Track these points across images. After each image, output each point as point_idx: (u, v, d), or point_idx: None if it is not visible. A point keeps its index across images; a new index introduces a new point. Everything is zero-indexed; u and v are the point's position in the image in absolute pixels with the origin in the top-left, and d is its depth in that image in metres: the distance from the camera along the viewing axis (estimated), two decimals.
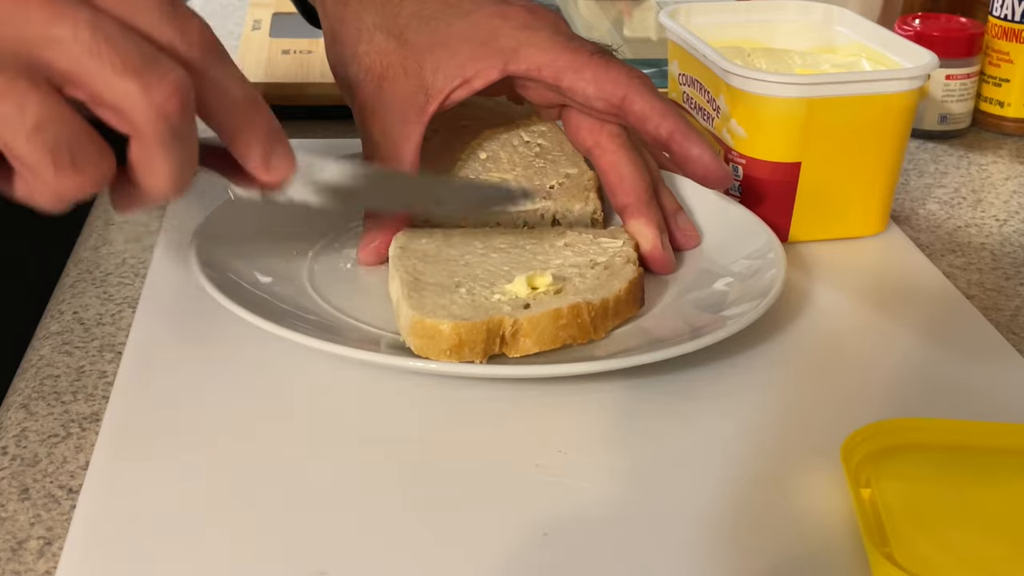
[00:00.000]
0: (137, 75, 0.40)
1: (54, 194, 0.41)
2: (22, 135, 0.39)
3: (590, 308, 0.53)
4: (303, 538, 0.43)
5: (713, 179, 0.60)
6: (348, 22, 0.60)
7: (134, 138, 0.41)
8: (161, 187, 0.43)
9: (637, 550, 0.43)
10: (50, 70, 0.39)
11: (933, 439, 0.47)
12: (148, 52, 0.40)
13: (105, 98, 0.40)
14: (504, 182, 0.61)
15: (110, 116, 0.41)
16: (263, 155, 0.46)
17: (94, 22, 0.39)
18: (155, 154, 0.42)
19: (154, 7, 0.42)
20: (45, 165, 0.40)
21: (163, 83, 0.40)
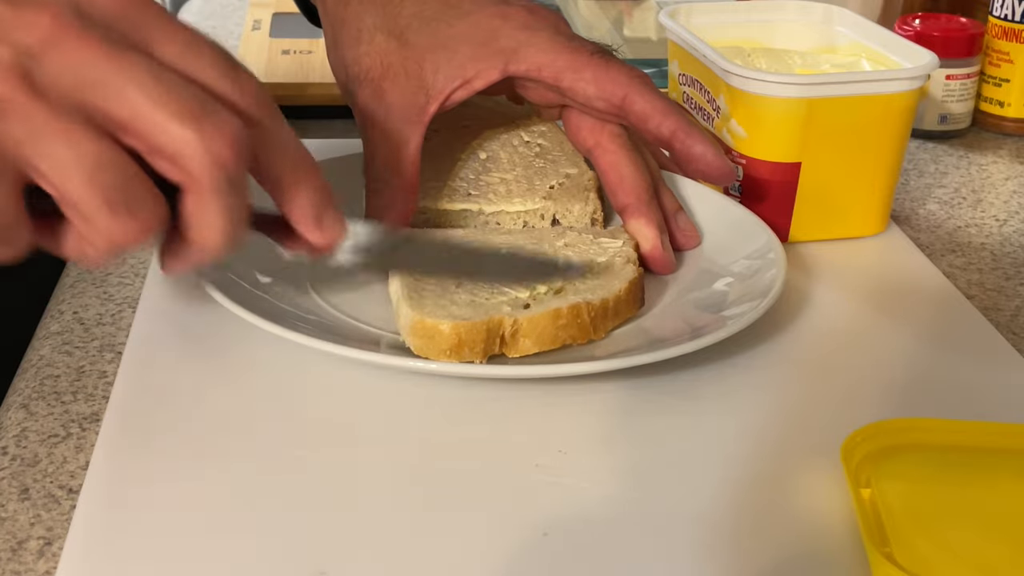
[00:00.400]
0: (195, 122, 0.40)
1: (107, 241, 0.41)
2: (79, 179, 0.39)
3: (590, 308, 0.53)
4: (303, 538, 0.43)
5: (717, 176, 0.60)
6: (349, 23, 0.60)
7: (189, 188, 0.41)
8: (214, 240, 0.43)
9: (637, 550, 0.43)
10: (108, 118, 0.39)
11: (933, 439, 0.47)
12: (206, 101, 0.41)
13: (162, 146, 0.40)
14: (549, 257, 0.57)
15: (165, 166, 0.41)
16: (315, 215, 0.46)
17: (155, 71, 0.40)
18: (209, 205, 0.42)
19: (213, 62, 0.42)
20: (100, 209, 0.40)
21: (220, 132, 0.41)
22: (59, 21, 0.39)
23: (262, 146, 0.44)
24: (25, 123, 0.38)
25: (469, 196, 0.62)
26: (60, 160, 0.39)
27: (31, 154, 0.39)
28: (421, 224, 0.61)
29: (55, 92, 0.39)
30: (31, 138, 0.39)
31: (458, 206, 0.62)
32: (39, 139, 0.39)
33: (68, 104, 0.39)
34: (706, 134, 0.60)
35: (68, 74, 0.39)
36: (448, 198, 0.62)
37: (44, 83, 0.39)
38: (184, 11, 1.14)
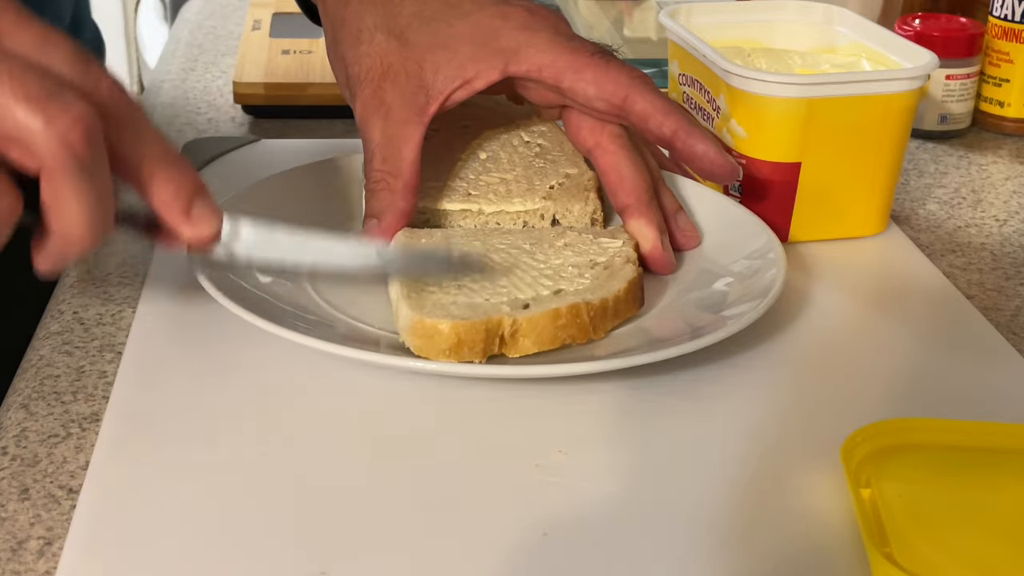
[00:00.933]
0: (40, 104, 0.40)
1: None
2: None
3: (589, 308, 0.53)
4: (303, 538, 0.43)
5: (721, 174, 0.60)
6: (349, 22, 0.60)
7: (43, 175, 0.41)
8: (73, 228, 0.42)
9: (637, 550, 0.43)
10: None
11: (933, 439, 0.47)
12: (52, 86, 0.41)
13: (9, 130, 0.40)
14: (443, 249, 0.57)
15: (18, 153, 0.41)
16: (182, 206, 0.46)
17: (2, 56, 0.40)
18: (63, 188, 0.41)
19: (66, 55, 0.43)
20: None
21: (66, 113, 0.41)
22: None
23: (118, 136, 0.43)
24: None
25: (469, 196, 0.62)
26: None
27: None
28: (421, 224, 0.61)
29: None
30: None
31: (458, 206, 0.62)
32: None
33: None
34: (707, 133, 0.60)
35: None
36: (448, 198, 0.62)
37: None
38: (184, 11, 1.14)
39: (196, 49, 1.02)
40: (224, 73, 0.94)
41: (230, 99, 0.86)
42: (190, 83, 0.93)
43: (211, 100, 0.89)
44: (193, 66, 0.97)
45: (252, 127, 0.83)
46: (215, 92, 0.90)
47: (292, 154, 0.72)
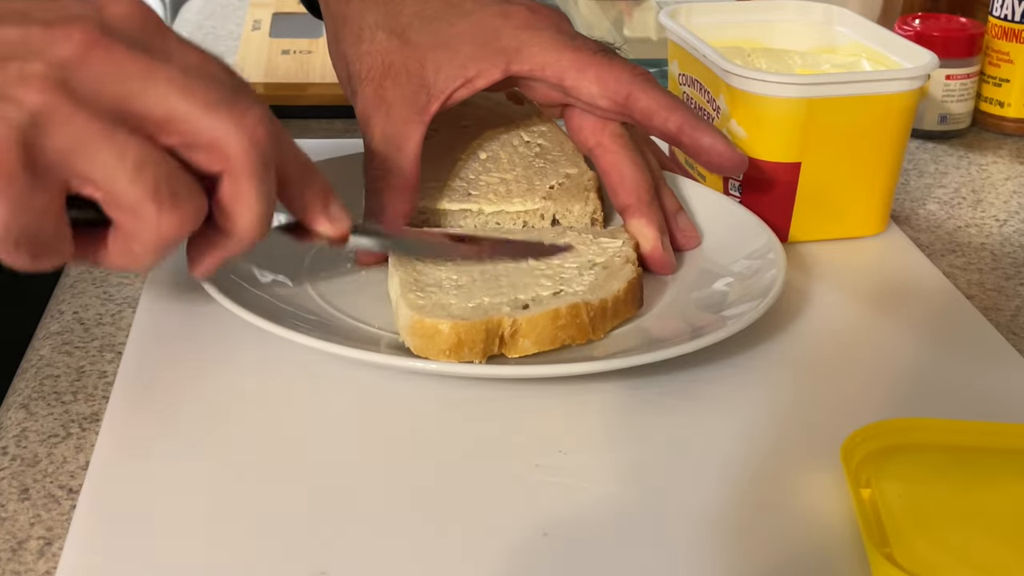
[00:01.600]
0: (228, 109, 0.43)
1: (156, 235, 0.42)
2: (125, 178, 0.41)
3: (589, 308, 0.53)
4: (303, 538, 0.43)
5: (729, 165, 0.60)
6: (350, 20, 0.60)
7: (226, 176, 0.44)
8: (250, 225, 0.45)
9: (637, 550, 0.43)
10: (144, 119, 0.42)
11: (933, 439, 0.47)
12: (233, 90, 0.43)
13: (199, 136, 0.42)
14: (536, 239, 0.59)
15: (203, 157, 0.43)
16: (324, 207, 0.49)
17: (181, 71, 0.42)
18: (248, 188, 0.44)
19: (225, 69, 0.45)
20: (148, 204, 0.42)
21: (251, 113, 0.43)
22: (89, 35, 0.41)
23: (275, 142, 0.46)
24: (69, 132, 0.40)
25: (469, 196, 0.62)
26: (106, 164, 0.41)
27: (77, 162, 0.41)
28: (421, 224, 0.61)
29: (93, 100, 0.41)
30: (76, 146, 0.40)
31: (458, 206, 0.62)
32: (84, 146, 0.40)
33: (106, 110, 0.41)
34: (712, 126, 0.60)
35: (103, 82, 0.41)
36: (448, 198, 0.62)
37: (82, 92, 0.41)
38: (184, 11, 1.14)
39: None
40: None
41: None
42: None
43: None
44: None
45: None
46: None
47: None
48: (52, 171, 0.41)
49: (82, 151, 0.41)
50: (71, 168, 0.41)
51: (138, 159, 0.41)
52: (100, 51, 0.41)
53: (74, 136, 0.40)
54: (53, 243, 0.42)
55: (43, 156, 0.40)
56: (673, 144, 0.61)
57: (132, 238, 0.43)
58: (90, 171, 0.41)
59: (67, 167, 0.41)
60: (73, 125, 0.40)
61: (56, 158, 0.40)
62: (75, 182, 0.41)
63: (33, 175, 0.40)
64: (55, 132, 0.40)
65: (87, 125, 0.40)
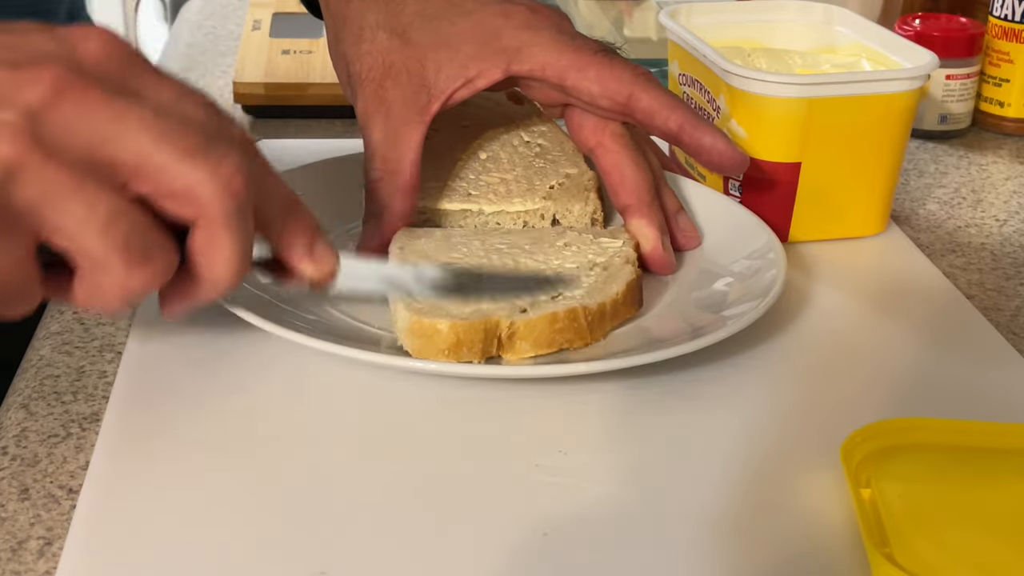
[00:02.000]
0: (203, 156, 0.41)
1: (123, 290, 0.41)
2: (94, 233, 0.40)
3: (587, 312, 0.52)
4: (303, 538, 0.43)
5: (730, 164, 0.60)
6: (351, 20, 0.60)
7: (200, 224, 0.42)
8: (224, 274, 0.43)
9: (637, 550, 0.43)
10: (115, 167, 0.40)
11: (933, 439, 0.47)
12: (209, 136, 0.42)
13: (172, 184, 0.41)
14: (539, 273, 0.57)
15: (175, 205, 0.41)
16: (307, 246, 0.48)
17: (155, 115, 0.41)
18: (221, 237, 0.42)
19: (203, 105, 0.43)
20: (117, 260, 0.40)
21: (228, 162, 0.42)
22: (59, 78, 0.39)
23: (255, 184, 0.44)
24: (40, 184, 0.39)
25: (469, 196, 0.62)
26: (76, 217, 0.39)
27: (47, 213, 0.39)
28: (421, 224, 0.61)
29: (63, 149, 0.39)
30: (46, 198, 0.39)
31: (458, 206, 0.62)
32: (54, 198, 0.39)
33: (77, 160, 0.39)
34: (713, 125, 0.60)
35: (74, 128, 0.39)
36: (448, 198, 0.62)
37: (53, 142, 0.39)
38: (184, 11, 1.14)
39: (196, 49, 1.02)
40: (224, 73, 0.94)
41: (230, 99, 0.86)
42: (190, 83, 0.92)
43: None
44: (193, 66, 0.97)
45: (252, 127, 0.83)
46: (215, 92, 0.90)
47: (292, 154, 0.72)
48: (21, 222, 0.39)
49: (52, 203, 0.39)
50: (40, 219, 0.39)
51: (108, 214, 0.40)
52: (72, 95, 0.39)
53: (44, 188, 0.39)
54: (23, 291, 0.41)
55: (12, 207, 0.39)
56: (674, 143, 0.61)
57: (99, 288, 0.42)
58: (59, 223, 0.40)
59: (36, 218, 0.39)
60: (43, 177, 0.39)
61: (25, 209, 0.39)
62: (44, 232, 0.40)
63: (3, 227, 0.39)
64: (25, 184, 0.39)
65: (57, 177, 0.39)
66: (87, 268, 0.41)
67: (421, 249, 0.57)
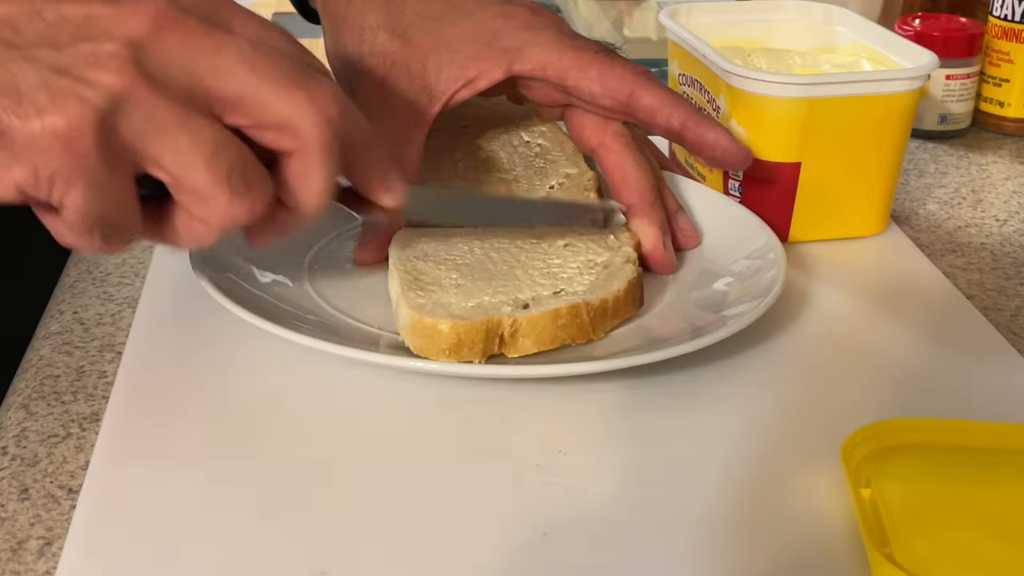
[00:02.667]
0: (302, 87, 0.42)
1: (225, 220, 0.42)
2: (200, 164, 0.41)
3: (589, 308, 0.53)
4: (303, 538, 0.43)
5: (734, 160, 0.60)
6: (351, 20, 0.60)
7: (297, 154, 0.43)
8: (315, 202, 0.44)
9: (637, 550, 0.43)
10: (215, 99, 0.41)
11: (933, 439, 0.47)
12: (304, 67, 0.43)
13: (272, 114, 0.42)
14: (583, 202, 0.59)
15: (273, 136, 0.42)
16: (384, 177, 0.48)
17: (252, 47, 0.41)
18: (318, 164, 0.43)
19: (287, 38, 0.44)
20: (222, 190, 0.41)
21: (325, 92, 0.42)
22: (160, 12, 0.40)
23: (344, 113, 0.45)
24: (146, 115, 0.39)
25: None
26: (181, 148, 0.40)
27: (151, 145, 0.40)
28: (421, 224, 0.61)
29: (167, 81, 0.40)
30: (152, 129, 0.40)
31: None
32: (160, 129, 0.40)
33: (180, 91, 0.40)
34: (716, 122, 0.60)
35: (176, 61, 0.40)
36: None
37: (157, 73, 0.40)
38: None
39: None
40: None
41: None
42: None
43: None
44: None
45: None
46: None
47: None
48: (125, 154, 0.40)
49: (158, 135, 0.40)
50: (144, 151, 0.40)
51: (214, 144, 0.40)
52: (171, 28, 0.40)
53: (151, 120, 0.40)
54: (125, 225, 0.42)
55: (117, 140, 0.39)
56: (676, 141, 0.61)
57: (199, 220, 0.42)
58: (164, 155, 0.40)
59: (140, 150, 0.40)
60: (150, 109, 0.39)
61: (130, 141, 0.40)
62: (147, 164, 0.41)
63: (108, 159, 0.39)
64: (132, 116, 0.39)
65: (164, 109, 0.40)
66: (190, 200, 0.42)
67: (421, 248, 0.57)
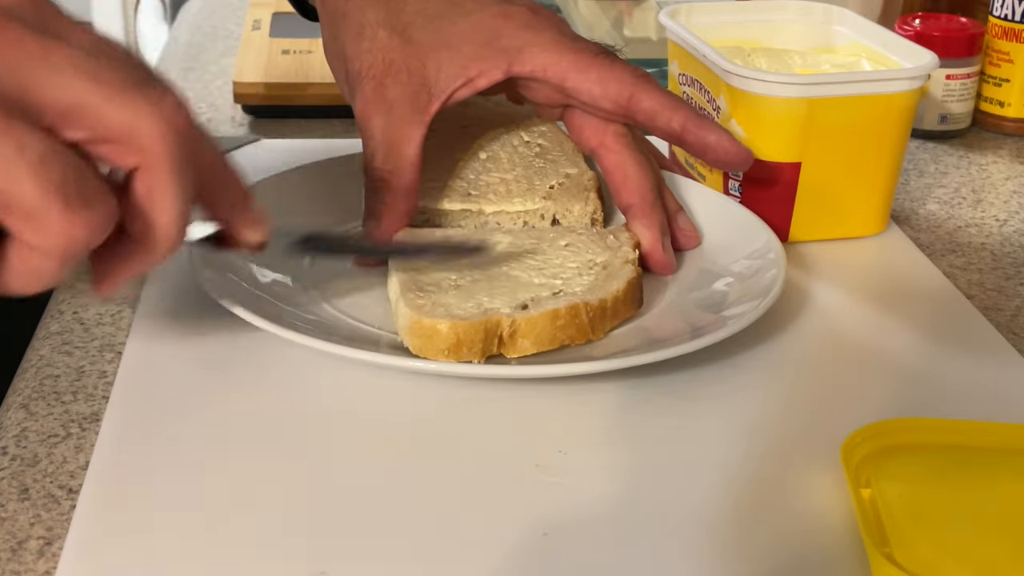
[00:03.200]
0: (142, 93, 0.38)
1: (63, 243, 0.38)
2: (27, 174, 0.36)
3: (588, 309, 0.53)
4: (303, 538, 0.43)
5: (736, 161, 0.60)
6: (350, 17, 0.60)
7: (142, 170, 0.39)
8: (169, 229, 0.40)
9: (637, 550, 0.43)
10: (45, 109, 0.37)
11: (933, 439, 0.47)
12: (142, 73, 0.39)
13: (111, 125, 0.38)
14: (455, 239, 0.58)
15: (113, 150, 0.39)
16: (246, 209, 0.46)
17: (86, 54, 0.38)
18: (167, 183, 0.39)
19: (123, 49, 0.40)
20: (53, 205, 0.37)
21: (167, 98, 0.39)
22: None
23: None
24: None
25: (469, 196, 0.62)
26: (4, 159, 0.36)
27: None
28: (421, 224, 0.61)
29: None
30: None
31: (458, 206, 0.62)
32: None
33: (4, 100, 0.36)
34: (716, 123, 0.60)
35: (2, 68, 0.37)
36: (448, 198, 0.62)
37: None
38: (184, 11, 1.14)
39: (196, 49, 1.02)
40: (224, 73, 0.94)
41: (230, 99, 0.86)
42: (190, 83, 0.92)
43: (211, 100, 0.89)
44: (193, 66, 0.97)
45: (252, 127, 0.83)
46: (215, 92, 0.90)
47: (292, 154, 0.72)
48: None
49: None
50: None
51: (41, 153, 0.36)
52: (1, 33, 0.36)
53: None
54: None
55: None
56: (677, 144, 0.61)
57: (35, 248, 0.38)
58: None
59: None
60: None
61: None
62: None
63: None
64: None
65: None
66: (20, 223, 0.37)
67: None
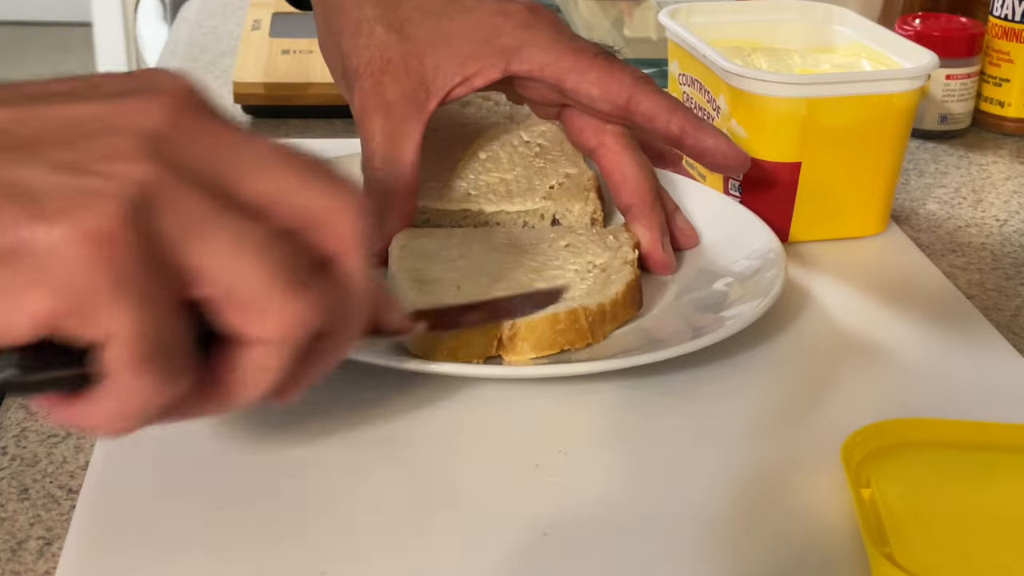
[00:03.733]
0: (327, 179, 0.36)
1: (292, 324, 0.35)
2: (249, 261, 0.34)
3: (587, 313, 0.52)
4: (303, 538, 0.43)
5: (733, 165, 0.60)
6: (347, 12, 0.60)
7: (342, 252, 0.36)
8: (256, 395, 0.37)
9: (637, 550, 0.43)
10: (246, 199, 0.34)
11: (933, 439, 0.47)
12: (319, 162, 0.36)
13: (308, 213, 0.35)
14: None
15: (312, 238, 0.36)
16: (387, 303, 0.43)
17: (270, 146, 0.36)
18: (274, 362, 0.36)
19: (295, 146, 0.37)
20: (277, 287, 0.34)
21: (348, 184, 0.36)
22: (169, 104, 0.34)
23: None
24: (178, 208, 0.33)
25: (469, 196, 0.62)
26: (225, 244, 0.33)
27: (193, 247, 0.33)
28: (421, 224, 0.61)
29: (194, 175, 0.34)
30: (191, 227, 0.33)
31: (458, 206, 0.62)
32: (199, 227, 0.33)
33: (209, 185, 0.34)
34: (714, 127, 0.60)
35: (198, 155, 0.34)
36: (448, 198, 0.62)
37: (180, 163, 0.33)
38: (184, 11, 1.14)
39: (196, 49, 1.02)
40: (224, 73, 0.94)
41: (230, 99, 0.86)
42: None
43: None
44: (193, 66, 0.97)
45: (252, 127, 0.83)
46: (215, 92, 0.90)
47: None
48: (166, 260, 0.33)
49: (197, 232, 0.33)
50: (185, 257, 0.33)
51: (259, 240, 0.34)
52: (188, 122, 0.34)
53: (186, 215, 0.33)
54: (178, 355, 0.34)
55: (156, 240, 0.32)
56: (675, 147, 0.61)
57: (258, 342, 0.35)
58: (206, 256, 0.33)
59: (180, 254, 0.33)
60: (182, 201, 0.33)
61: (168, 242, 0.33)
62: (187, 275, 0.33)
63: (151, 265, 0.32)
64: (165, 210, 0.32)
65: (196, 201, 0.33)
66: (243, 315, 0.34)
67: (422, 248, 0.57)
